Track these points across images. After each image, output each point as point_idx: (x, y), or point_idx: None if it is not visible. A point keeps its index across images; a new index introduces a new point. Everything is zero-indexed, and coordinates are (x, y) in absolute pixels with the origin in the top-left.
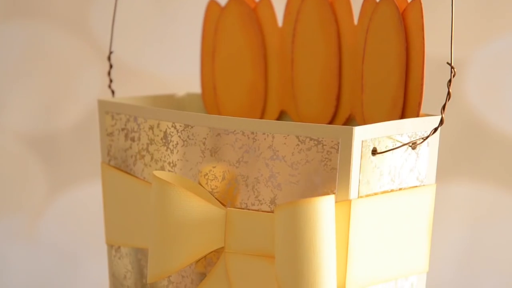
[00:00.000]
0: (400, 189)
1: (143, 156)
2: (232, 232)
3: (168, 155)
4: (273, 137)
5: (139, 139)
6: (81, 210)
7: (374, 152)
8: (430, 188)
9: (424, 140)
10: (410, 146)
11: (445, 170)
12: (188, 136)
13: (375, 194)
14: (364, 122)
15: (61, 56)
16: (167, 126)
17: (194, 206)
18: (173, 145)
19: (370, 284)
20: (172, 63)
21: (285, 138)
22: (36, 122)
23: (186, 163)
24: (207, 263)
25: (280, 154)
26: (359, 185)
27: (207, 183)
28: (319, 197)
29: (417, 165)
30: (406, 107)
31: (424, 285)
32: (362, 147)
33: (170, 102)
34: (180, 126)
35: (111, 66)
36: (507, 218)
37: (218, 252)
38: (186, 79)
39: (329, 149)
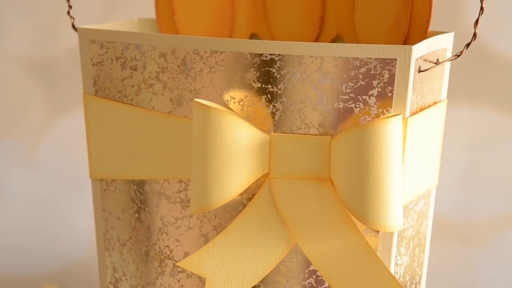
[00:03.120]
0: (428, 105)
1: (151, 85)
2: (277, 157)
3: (189, 82)
4: (322, 60)
5: (144, 67)
6: (81, 134)
7: (419, 69)
8: (444, 103)
9: (459, 56)
10: (436, 63)
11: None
12: (216, 63)
13: (417, 111)
14: (357, 41)
15: None
16: (187, 52)
17: (243, 133)
18: (195, 72)
19: (411, 199)
20: None
21: (336, 60)
22: (36, 45)
23: (214, 90)
24: (243, 190)
25: (330, 77)
26: (410, 104)
27: (242, 109)
28: (389, 118)
29: (438, 81)
30: (412, 25)
31: (434, 198)
32: (414, 65)
33: (122, 29)
34: (206, 52)
35: None
36: (506, 139)
37: (258, 179)
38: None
39: (385, 69)
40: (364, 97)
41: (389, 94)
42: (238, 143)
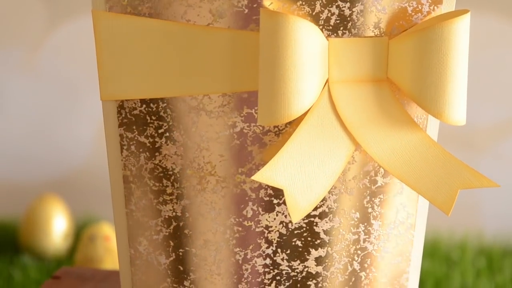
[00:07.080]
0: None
1: None
2: (336, 61)
3: None
4: None
5: None
6: (81, 41)
7: None
8: None
9: None
10: None
11: None
12: None
13: None
14: None
15: None
16: None
17: (313, 39)
18: None
19: None
20: None
21: None
22: None
23: (260, 2)
24: None
25: None
26: None
27: None
28: (463, 15)
29: None
30: None
31: None
32: None
33: None
34: None
35: None
36: (506, 46)
37: None
38: None
39: None
40: None
41: None
42: (311, 49)
